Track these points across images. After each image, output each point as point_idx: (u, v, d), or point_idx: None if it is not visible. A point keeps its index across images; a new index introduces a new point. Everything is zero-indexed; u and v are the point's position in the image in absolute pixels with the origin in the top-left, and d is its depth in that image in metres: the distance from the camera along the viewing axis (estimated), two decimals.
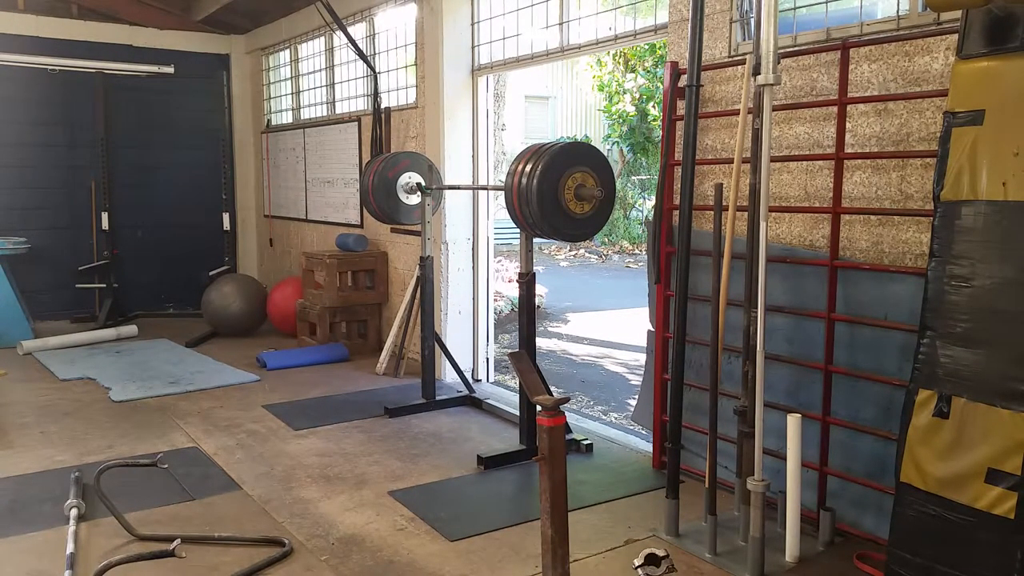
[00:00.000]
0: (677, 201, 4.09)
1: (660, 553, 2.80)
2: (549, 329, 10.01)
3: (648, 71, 16.39)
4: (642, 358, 5.31)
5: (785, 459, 3.39)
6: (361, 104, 7.79)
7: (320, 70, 8.60)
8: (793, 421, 3.32)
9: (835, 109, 3.64)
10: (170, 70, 9.12)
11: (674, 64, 4.33)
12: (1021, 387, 2.59)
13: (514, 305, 9.38)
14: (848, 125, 3.63)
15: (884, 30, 3.56)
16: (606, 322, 10.50)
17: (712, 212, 3.77)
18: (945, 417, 2.77)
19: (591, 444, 4.85)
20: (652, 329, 4.60)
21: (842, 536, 3.61)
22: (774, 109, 3.50)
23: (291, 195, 9.23)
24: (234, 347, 7.62)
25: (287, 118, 9.40)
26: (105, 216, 9.00)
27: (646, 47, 15.39)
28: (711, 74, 4.24)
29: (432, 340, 5.83)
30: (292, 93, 9.26)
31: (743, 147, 3.71)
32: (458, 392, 6.00)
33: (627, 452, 4.86)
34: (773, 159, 3.69)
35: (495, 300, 7.93)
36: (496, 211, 6.65)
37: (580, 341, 9.37)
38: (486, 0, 6.38)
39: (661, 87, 7.18)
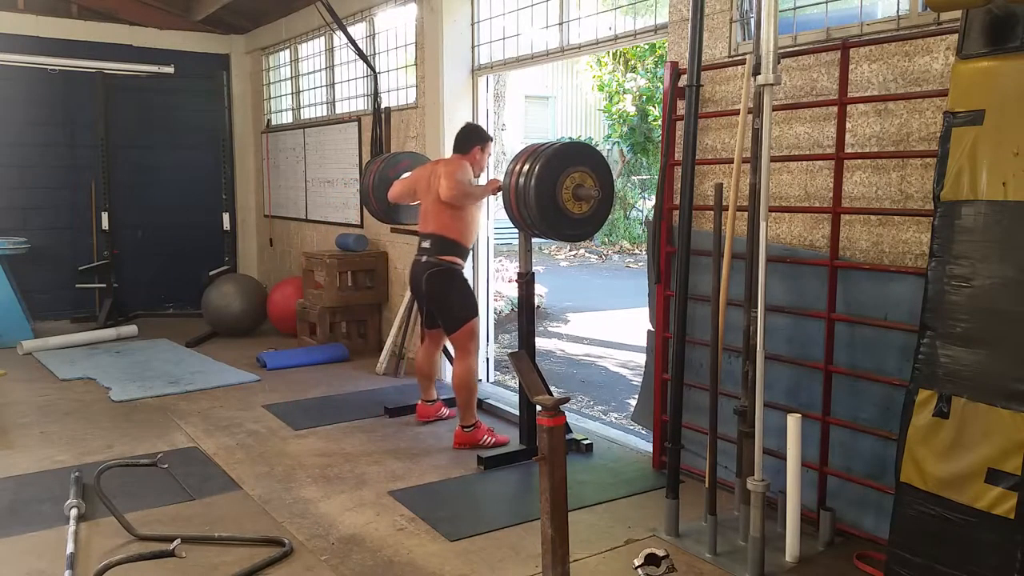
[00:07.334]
0: (677, 201, 4.10)
1: (660, 553, 2.80)
2: (549, 329, 10.01)
3: (648, 71, 16.38)
4: (642, 358, 5.30)
5: (785, 459, 3.39)
6: (361, 104, 7.79)
7: (320, 70, 8.60)
8: (793, 421, 3.32)
9: (835, 109, 3.64)
10: (170, 70, 9.11)
11: (674, 64, 4.33)
12: (1021, 387, 2.59)
13: (514, 305, 9.36)
14: (848, 125, 3.63)
15: (884, 30, 3.56)
16: (606, 322, 10.50)
17: (712, 212, 3.77)
18: (945, 417, 2.77)
19: (591, 444, 4.85)
20: (652, 329, 4.60)
21: (842, 536, 3.61)
22: (774, 109, 3.50)
23: (291, 195, 9.23)
24: (234, 347, 7.63)
25: (287, 118, 9.40)
26: (105, 216, 8.99)
27: (646, 47, 15.37)
28: (711, 74, 4.24)
29: None
30: (292, 93, 9.26)
31: (743, 147, 3.71)
32: None
33: (627, 452, 4.86)
34: (773, 159, 3.68)
35: (495, 300, 7.93)
36: (496, 211, 6.63)
37: (580, 341, 9.38)
38: (486, 0, 6.38)
39: (661, 87, 7.18)
